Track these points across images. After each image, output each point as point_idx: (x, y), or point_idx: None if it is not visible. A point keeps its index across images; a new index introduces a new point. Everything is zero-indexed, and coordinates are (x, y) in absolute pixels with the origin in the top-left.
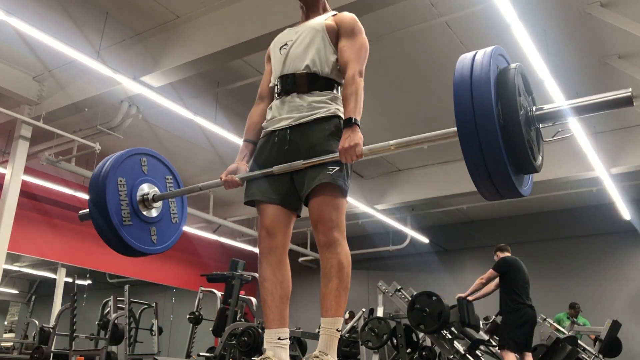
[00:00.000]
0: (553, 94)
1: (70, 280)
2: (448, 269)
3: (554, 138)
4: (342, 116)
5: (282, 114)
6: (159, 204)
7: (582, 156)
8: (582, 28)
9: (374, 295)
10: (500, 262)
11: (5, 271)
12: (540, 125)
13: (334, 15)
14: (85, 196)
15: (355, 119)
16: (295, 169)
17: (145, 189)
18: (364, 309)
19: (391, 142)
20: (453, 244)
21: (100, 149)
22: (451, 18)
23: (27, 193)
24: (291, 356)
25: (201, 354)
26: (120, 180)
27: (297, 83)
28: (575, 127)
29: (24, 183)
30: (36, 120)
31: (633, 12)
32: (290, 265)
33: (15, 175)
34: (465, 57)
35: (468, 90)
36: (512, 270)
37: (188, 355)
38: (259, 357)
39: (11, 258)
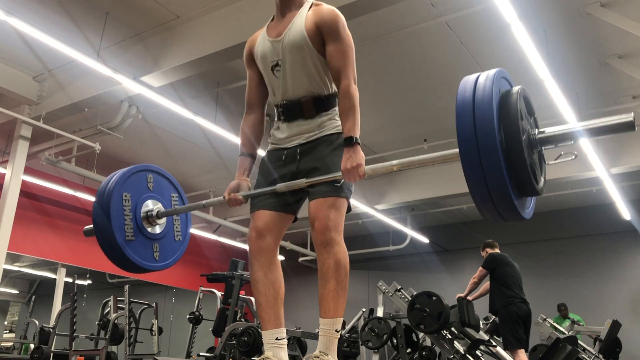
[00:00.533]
0: (553, 94)
1: (70, 280)
2: (448, 269)
3: (557, 161)
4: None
5: (292, 134)
6: (163, 220)
7: (582, 156)
8: (582, 28)
9: (374, 295)
10: (488, 259)
11: (5, 271)
12: (543, 148)
13: (310, 8)
14: (85, 196)
15: (355, 138)
16: (297, 187)
17: (150, 205)
18: (364, 309)
19: (394, 162)
20: (453, 244)
21: (100, 149)
22: (451, 18)
23: (27, 193)
24: (291, 356)
25: (201, 354)
26: (125, 196)
27: (303, 109)
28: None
29: (24, 183)
30: (36, 120)
31: (633, 12)
32: (290, 265)
33: (15, 175)
34: (468, 80)
35: (470, 115)
36: (500, 264)
37: (188, 355)
38: (259, 357)
39: (11, 258)
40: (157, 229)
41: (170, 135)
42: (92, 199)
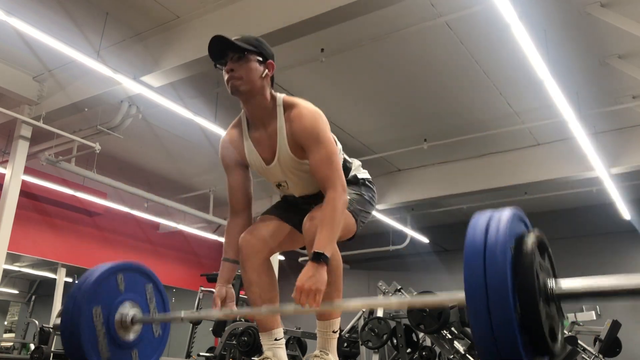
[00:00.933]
0: (553, 94)
1: (70, 280)
2: (448, 269)
3: (579, 320)
4: (357, 174)
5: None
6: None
7: (582, 156)
8: (582, 28)
9: (374, 295)
10: None
11: (5, 271)
12: (561, 303)
13: (285, 112)
14: (85, 196)
15: (324, 256)
16: (281, 313)
17: (124, 309)
18: (363, 309)
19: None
20: (453, 244)
21: (100, 149)
22: (451, 18)
23: (27, 193)
24: (291, 356)
25: (201, 354)
26: (96, 310)
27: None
28: (575, 126)
29: (24, 183)
30: (36, 120)
31: (633, 12)
32: (290, 265)
33: (15, 175)
34: (477, 227)
35: (481, 271)
36: None
37: (188, 355)
38: (259, 358)
39: (11, 258)
40: (133, 335)
41: (170, 135)
42: (92, 199)
